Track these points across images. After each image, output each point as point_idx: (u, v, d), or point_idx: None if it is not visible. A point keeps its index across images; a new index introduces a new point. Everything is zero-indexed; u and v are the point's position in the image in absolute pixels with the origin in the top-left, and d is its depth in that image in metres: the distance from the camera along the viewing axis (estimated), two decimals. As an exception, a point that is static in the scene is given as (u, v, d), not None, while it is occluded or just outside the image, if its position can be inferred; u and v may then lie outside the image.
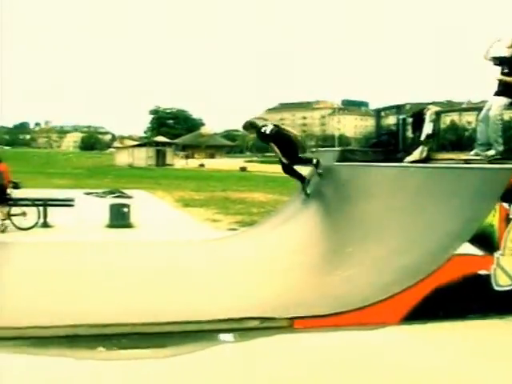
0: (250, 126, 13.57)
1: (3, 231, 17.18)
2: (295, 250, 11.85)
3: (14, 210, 17.73)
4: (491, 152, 11.24)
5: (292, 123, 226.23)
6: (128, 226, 18.37)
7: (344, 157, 14.42)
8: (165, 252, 13.27)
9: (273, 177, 56.14)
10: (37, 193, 21.12)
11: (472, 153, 11.74)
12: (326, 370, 6.56)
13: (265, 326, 7.80)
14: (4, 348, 6.81)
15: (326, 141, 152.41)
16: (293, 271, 10.59)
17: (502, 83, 11.48)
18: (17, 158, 58.98)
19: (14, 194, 18.09)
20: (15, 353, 6.73)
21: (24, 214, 17.79)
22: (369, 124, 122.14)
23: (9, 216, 17.60)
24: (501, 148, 11.26)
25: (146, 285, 9.82)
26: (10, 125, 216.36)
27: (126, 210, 18.81)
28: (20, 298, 8.78)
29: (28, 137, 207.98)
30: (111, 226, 18.28)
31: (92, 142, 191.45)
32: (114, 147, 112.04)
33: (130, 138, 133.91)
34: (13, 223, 17.52)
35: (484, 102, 12.22)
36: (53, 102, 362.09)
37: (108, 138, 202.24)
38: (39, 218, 17.92)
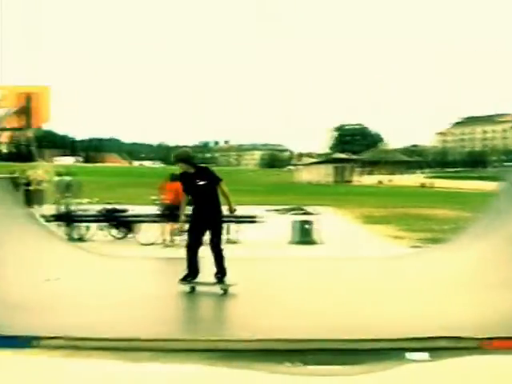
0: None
1: (169, 246, 17.72)
2: (490, 268, 11.35)
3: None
4: None
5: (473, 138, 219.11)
6: (311, 242, 18.46)
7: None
8: (349, 268, 13.20)
9: (454, 193, 54.47)
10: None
11: None
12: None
13: (453, 345, 7.52)
14: (196, 359, 7.04)
15: (509, 155, 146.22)
16: (487, 290, 10.15)
17: None
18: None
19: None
20: (206, 364, 6.91)
21: None
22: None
23: (182, 232, 18.23)
24: None
25: (334, 301, 9.79)
26: (191, 144, 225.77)
27: (308, 226, 18.93)
28: (214, 310, 9.07)
29: (208, 155, 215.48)
30: (294, 242, 18.49)
31: (271, 159, 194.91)
32: (293, 164, 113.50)
33: (309, 155, 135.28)
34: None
35: None
36: (233, 121, 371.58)
37: (287, 155, 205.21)
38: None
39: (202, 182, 10.34)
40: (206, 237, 10.63)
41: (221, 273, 10.40)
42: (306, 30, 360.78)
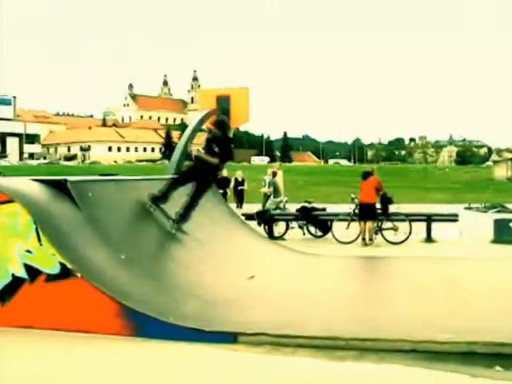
0: None
1: (368, 245, 17.77)
2: None
3: (386, 224, 18.39)
4: None
5: None
6: (515, 241, 17.70)
7: None
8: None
9: None
10: (414, 208, 21.62)
11: None
12: None
13: None
14: (399, 360, 7.03)
15: None
16: None
17: None
18: (394, 174, 60.60)
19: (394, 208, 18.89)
20: (409, 365, 6.88)
21: (395, 228, 18.31)
22: None
23: (380, 230, 18.29)
24: None
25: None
26: (386, 141, 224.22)
27: (512, 224, 18.24)
28: (412, 311, 8.99)
29: (403, 152, 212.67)
30: (496, 241, 17.85)
31: (468, 155, 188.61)
32: (492, 160, 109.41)
33: (508, 150, 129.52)
34: (384, 237, 18.18)
35: None
36: (429, 116, 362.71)
37: (484, 151, 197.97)
38: (410, 233, 18.17)
39: (216, 149, 11.16)
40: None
41: (183, 216, 11.17)
42: None
